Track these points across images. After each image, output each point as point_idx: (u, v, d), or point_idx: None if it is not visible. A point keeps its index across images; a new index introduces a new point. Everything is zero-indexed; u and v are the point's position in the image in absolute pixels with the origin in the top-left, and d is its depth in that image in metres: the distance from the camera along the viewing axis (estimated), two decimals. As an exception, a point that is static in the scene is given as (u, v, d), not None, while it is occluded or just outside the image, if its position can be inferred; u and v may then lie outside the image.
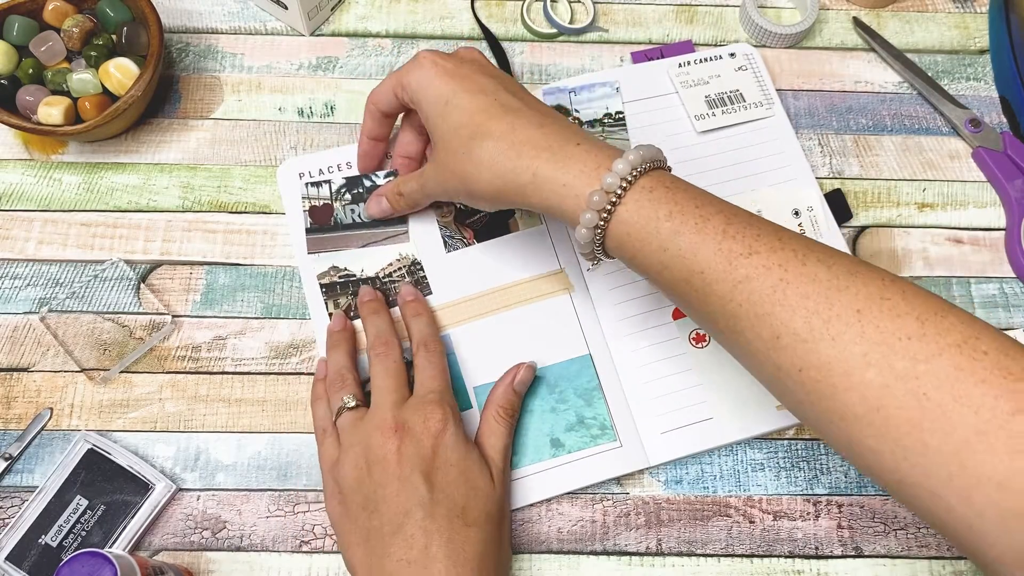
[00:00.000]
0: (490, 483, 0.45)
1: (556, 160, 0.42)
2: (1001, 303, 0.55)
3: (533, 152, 0.42)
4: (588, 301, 0.53)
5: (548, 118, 0.44)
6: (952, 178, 0.59)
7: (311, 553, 0.49)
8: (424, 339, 0.50)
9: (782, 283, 0.37)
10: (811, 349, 0.36)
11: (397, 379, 0.47)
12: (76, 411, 0.51)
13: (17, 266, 0.55)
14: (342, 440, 0.46)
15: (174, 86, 0.60)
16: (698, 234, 0.39)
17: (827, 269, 0.37)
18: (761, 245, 0.38)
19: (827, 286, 0.36)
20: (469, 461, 0.45)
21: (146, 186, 0.57)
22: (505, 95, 0.45)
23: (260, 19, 0.62)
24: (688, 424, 0.51)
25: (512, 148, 0.43)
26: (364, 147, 0.54)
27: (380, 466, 0.44)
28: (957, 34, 0.63)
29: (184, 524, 0.49)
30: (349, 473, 0.45)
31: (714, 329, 0.40)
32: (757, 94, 0.59)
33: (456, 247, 0.55)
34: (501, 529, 0.46)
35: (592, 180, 0.41)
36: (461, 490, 0.44)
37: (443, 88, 0.46)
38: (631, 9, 0.64)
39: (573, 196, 0.41)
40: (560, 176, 0.41)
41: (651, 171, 0.41)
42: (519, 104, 0.45)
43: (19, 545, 0.47)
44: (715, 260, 0.38)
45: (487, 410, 0.49)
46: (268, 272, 0.55)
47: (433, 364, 0.48)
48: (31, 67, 0.55)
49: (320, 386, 0.50)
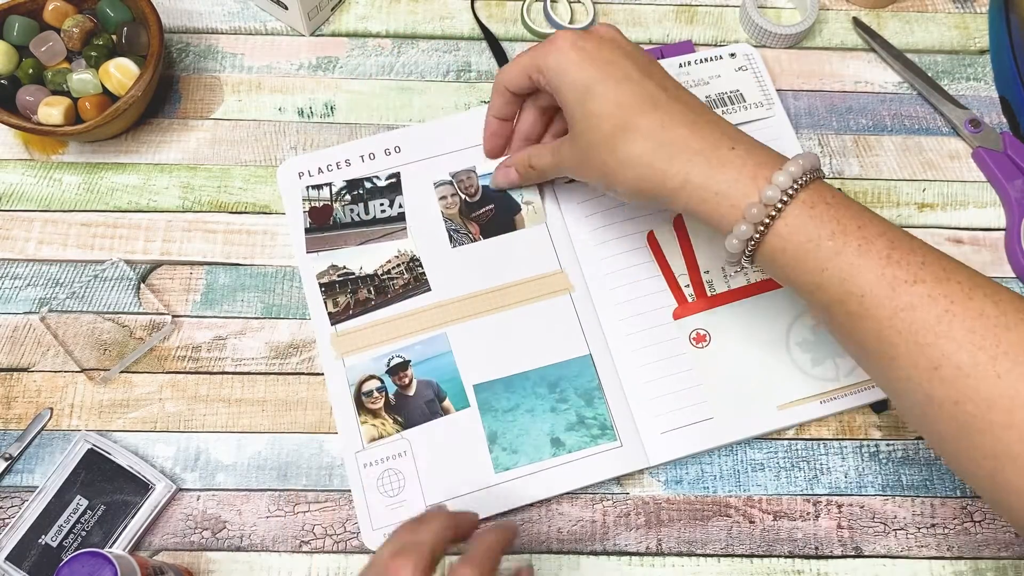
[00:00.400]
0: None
1: (710, 166, 0.40)
2: (1001, 303, 0.55)
3: (684, 156, 0.40)
4: (588, 301, 0.53)
5: (699, 114, 0.42)
6: (952, 178, 0.59)
7: (311, 553, 0.49)
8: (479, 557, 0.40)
9: (947, 315, 0.36)
10: (972, 384, 0.35)
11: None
12: (76, 411, 0.51)
13: (17, 266, 0.55)
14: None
15: (174, 86, 0.60)
16: (860, 257, 0.38)
17: (994, 306, 0.36)
18: (926, 274, 0.37)
19: (994, 323, 0.36)
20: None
21: (146, 186, 0.57)
22: (651, 85, 0.43)
23: (260, 19, 0.62)
24: (688, 424, 0.51)
25: (661, 148, 0.41)
26: (492, 127, 0.53)
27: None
28: (957, 34, 0.63)
29: (184, 524, 0.49)
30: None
31: (860, 351, 0.39)
32: (757, 94, 0.59)
33: (462, 242, 0.55)
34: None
35: (748, 190, 0.39)
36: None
37: (584, 74, 0.43)
38: (631, 9, 0.64)
39: (728, 206, 0.39)
40: (713, 184, 0.40)
41: (811, 183, 0.39)
42: (666, 97, 0.42)
43: (19, 545, 0.47)
44: (877, 285, 0.37)
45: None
46: (268, 272, 0.55)
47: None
48: (31, 67, 0.55)
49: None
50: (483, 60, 0.61)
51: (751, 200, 0.39)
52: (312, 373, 0.53)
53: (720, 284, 0.54)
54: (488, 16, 0.63)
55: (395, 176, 0.56)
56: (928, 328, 0.36)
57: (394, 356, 0.52)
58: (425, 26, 0.63)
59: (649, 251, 0.54)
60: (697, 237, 0.54)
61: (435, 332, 0.52)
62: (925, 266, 0.37)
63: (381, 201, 0.56)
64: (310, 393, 0.52)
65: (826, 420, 0.52)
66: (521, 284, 0.54)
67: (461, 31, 0.62)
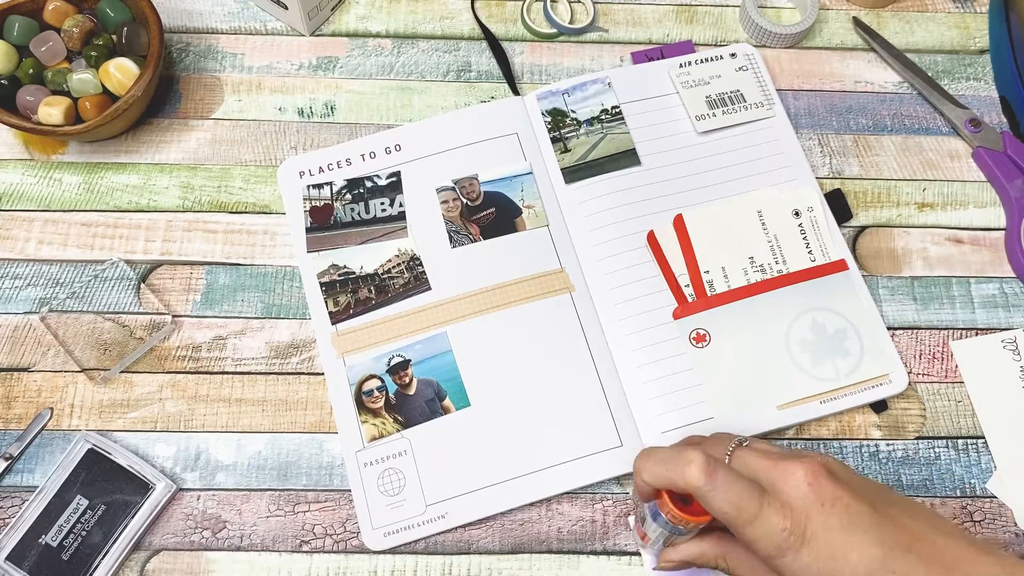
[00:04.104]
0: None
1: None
2: (1001, 303, 0.55)
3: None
4: (588, 301, 0.53)
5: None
6: (952, 178, 0.59)
7: (311, 553, 0.49)
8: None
9: None
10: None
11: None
12: (76, 411, 0.51)
13: (17, 266, 0.55)
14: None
15: (174, 86, 0.60)
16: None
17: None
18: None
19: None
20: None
21: (146, 186, 0.57)
22: (900, 557, 0.36)
23: (260, 19, 0.62)
24: (688, 424, 0.51)
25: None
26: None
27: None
28: (957, 34, 0.63)
29: (184, 524, 0.49)
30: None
31: None
32: (757, 94, 0.59)
33: (462, 243, 0.55)
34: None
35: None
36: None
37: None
38: (631, 9, 0.64)
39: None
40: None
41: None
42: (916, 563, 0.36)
43: (19, 545, 0.47)
44: None
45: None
46: (268, 272, 0.55)
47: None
48: (31, 67, 0.55)
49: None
50: (483, 60, 0.61)
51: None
52: (312, 373, 0.53)
53: (720, 284, 0.54)
54: (488, 16, 0.63)
55: (396, 175, 0.56)
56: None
57: (394, 355, 0.52)
58: (425, 26, 0.63)
59: (649, 251, 0.54)
60: (697, 237, 0.55)
61: (435, 331, 0.52)
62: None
63: (382, 200, 0.56)
64: (310, 393, 0.52)
65: (826, 420, 0.52)
66: (521, 283, 0.54)
67: (461, 31, 0.62)
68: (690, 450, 0.39)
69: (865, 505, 0.37)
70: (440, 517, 0.49)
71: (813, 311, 0.53)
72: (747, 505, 0.37)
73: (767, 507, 0.37)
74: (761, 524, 0.37)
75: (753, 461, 0.39)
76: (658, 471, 0.39)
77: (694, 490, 0.38)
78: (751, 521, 0.37)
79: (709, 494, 0.37)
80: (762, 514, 0.37)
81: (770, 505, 0.37)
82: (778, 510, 0.37)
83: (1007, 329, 0.55)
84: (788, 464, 0.38)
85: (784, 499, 0.37)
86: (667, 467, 0.39)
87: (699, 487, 0.38)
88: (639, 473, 0.40)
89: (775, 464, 0.38)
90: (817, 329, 0.52)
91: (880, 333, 0.53)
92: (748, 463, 0.39)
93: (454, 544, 0.49)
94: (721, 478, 0.37)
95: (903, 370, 0.52)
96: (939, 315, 0.55)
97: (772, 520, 0.36)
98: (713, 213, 0.55)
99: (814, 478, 0.37)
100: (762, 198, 0.56)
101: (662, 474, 0.39)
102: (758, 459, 0.39)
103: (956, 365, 0.54)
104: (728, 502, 0.37)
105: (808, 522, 0.36)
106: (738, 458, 0.40)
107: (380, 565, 0.49)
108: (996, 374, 0.53)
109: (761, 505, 0.37)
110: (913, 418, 0.52)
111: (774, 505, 0.37)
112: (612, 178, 0.56)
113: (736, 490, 0.37)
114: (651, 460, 0.40)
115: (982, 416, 0.52)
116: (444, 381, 0.51)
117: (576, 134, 0.57)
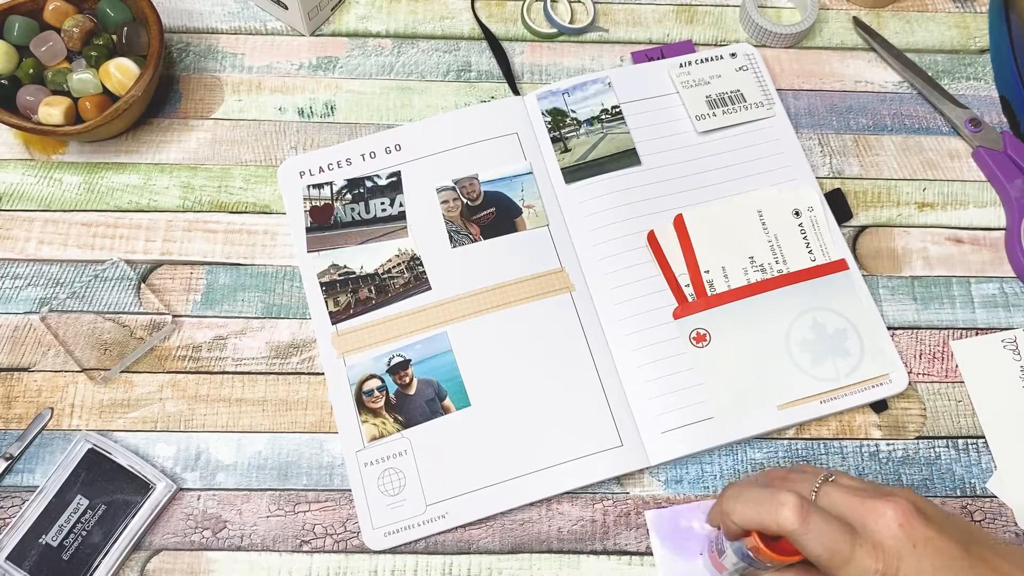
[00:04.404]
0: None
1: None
2: (1001, 303, 0.55)
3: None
4: (588, 301, 0.53)
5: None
6: (952, 178, 0.59)
7: (311, 553, 0.49)
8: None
9: None
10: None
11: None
12: (76, 411, 0.51)
13: (17, 266, 0.55)
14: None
15: (174, 86, 0.60)
16: None
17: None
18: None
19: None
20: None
21: (146, 186, 0.57)
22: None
23: (260, 19, 0.62)
24: (688, 424, 0.51)
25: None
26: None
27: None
28: (957, 34, 0.63)
29: (184, 524, 0.49)
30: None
31: None
32: (758, 94, 0.59)
33: (462, 243, 0.55)
34: None
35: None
36: None
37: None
38: (631, 9, 0.64)
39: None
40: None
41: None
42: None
43: (20, 545, 0.47)
44: None
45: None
46: (268, 272, 0.55)
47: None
48: (31, 67, 0.55)
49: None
50: (483, 60, 0.61)
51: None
52: (312, 373, 0.53)
53: (720, 284, 0.54)
54: (488, 16, 0.63)
55: (396, 175, 0.56)
56: None
57: (395, 355, 0.52)
58: (425, 26, 0.63)
59: (649, 251, 0.54)
60: (697, 237, 0.55)
61: (435, 331, 0.52)
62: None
63: (382, 200, 0.56)
64: (310, 393, 0.52)
65: (826, 420, 0.52)
66: (521, 282, 0.54)
67: (461, 31, 0.63)
68: (782, 492, 0.38)
69: (957, 547, 0.37)
70: (440, 517, 0.49)
71: (813, 311, 0.53)
72: (840, 548, 0.36)
73: (859, 549, 0.36)
74: (854, 567, 0.36)
75: (841, 499, 0.38)
76: (749, 514, 0.39)
77: (787, 533, 0.38)
78: (844, 564, 0.37)
79: (803, 538, 0.37)
80: (855, 557, 0.36)
81: (862, 547, 0.37)
82: (869, 552, 0.36)
83: (1007, 329, 0.55)
84: (877, 503, 0.38)
85: (875, 540, 0.37)
86: (759, 510, 0.38)
87: (793, 531, 0.37)
88: (729, 515, 0.40)
89: (863, 502, 0.38)
90: (817, 329, 0.52)
91: (880, 333, 0.53)
92: (835, 501, 0.39)
93: (454, 544, 0.49)
94: (814, 521, 0.37)
95: (903, 370, 0.52)
96: (939, 315, 0.55)
97: (864, 562, 0.36)
98: (713, 213, 0.55)
99: (905, 518, 0.37)
100: (762, 198, 0.56)
101: (754, 518, 0.39)
102: (846, 496, 0.38)
103: (956, 365, 0.54)
104: (821, 545, 0.37)
105: (900, 564, 0.36)
106: (825, 495, 0.39)
107: (380, 565, 0.49)
108: (996, 374, 0.53)
109: (853, 547, 0.36)
110: (913, 418, 0.52)
111: (865, 547, 0.37)
112: (612, 178, 0.56)
113: (829, 532, 0.37)
114: (740, 502, 0.39)
115: (982, 416, 0.52)
116: (444, 381, 0.51)
117: (576, 134, 0.57)
